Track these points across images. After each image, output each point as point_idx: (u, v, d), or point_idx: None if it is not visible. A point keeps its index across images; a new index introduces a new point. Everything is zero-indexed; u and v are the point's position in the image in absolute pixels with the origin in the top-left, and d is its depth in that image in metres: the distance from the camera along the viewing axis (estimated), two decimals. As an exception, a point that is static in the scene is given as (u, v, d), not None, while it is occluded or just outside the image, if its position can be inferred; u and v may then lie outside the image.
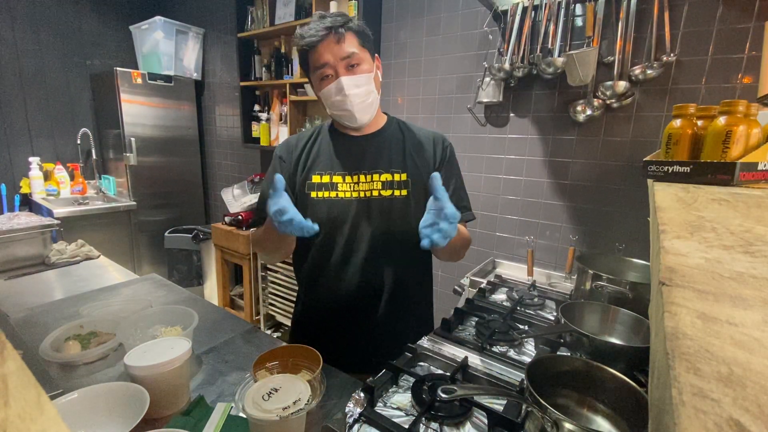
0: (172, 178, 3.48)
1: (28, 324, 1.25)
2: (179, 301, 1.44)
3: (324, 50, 0.94)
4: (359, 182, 1.03)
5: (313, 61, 0.96)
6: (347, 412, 0.82)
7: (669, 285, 0.35)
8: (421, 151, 1.08)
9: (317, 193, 1.02)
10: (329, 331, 1.12)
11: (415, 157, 1.07)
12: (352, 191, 1.02)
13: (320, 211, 1.02)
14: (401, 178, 1.04)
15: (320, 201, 1.02)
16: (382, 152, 1.05)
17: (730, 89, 1.53)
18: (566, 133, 1.90)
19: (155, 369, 0.82)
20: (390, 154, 1.06)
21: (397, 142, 1.08)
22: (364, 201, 1.03)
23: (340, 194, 1.02)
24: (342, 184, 1.02)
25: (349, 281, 1.07)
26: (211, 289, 3.20)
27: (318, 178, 1.03)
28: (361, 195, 1.03)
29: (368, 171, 1.04)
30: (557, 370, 0.80)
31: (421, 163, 1.07)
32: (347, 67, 0.96)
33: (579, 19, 1.78)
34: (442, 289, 2.44)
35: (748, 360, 0.25)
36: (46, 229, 1.82)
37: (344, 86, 0.95)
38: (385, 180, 1.03)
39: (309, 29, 0.96)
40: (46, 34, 3.14)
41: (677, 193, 0.69)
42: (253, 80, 2.97)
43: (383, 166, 1.04)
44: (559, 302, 1.38)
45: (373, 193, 1.03)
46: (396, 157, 1.06)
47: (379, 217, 1.03)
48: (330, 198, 1.02)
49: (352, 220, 1.03)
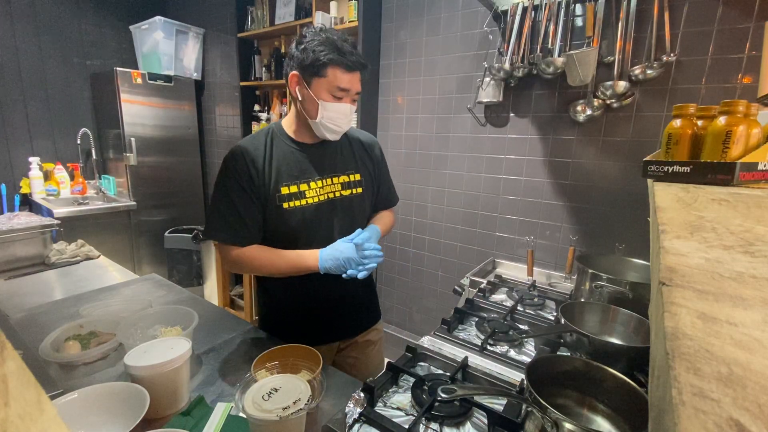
0: (172, 178, 3.48)
1: (28, 324, 1.25)
2: (179, 301, 1.44)
3: (354, 79, 1.05)
4: (323, 186, 1.14)
5: (337, 79, 1.03)
6: (347, 412, 0.82)
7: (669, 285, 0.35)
8: (364, 152, 1.25)
9: (289, 204, 1.09)
10: (303, 313, 1.21)
11: (364, 158, 1.24)
12: (319, 195, 1.13)
13: (295, 219, 1.10)
14: (356, 177, 1.20)
15: (293, 210, 1.10)
16: (336, 157, 1.18)
17: (730, 89, 1.53)
18: (566, 133, 1.90)
19: (155, 369, 0.82)
20: (343, 158, 1.19)
21: (345, 147, 1.21)
22: (330, 202, 1.15)
23: (309, 200, 1.11)
24: (309, 191, 1.12)
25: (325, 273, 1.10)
26: (211, 289, 3.20)
27: (286, 189, 1.09)
28: (328, 197, 1.14)
29: (328, 175, 1.15)
30: (557, 370, 0.80)
31: (368, 163, 1.25)
32: (353, 99, 1.09)
33: (579, 19, 1.78)
34: (442, 289, 2.44)
35: (748, 360, 0.25)
36: (46, 229, 1.82)
37: (348, 112, 1.08)
38: (344, 181, 1.18)
39: (349, 52, 1.02)
40: (46, 34, 3.13)
41: (677, 193, 0.69)
42: (253, 80, 2.97)
43: (340, 169, 1.18)
44: (559, 302, 1.38)
45: (336, 194, 1.16)
46: (348, 160, 1.20)
47: (343, 214, 1.17)
48: (301, 205, 1.11)
49: (324, 221, 1.14)
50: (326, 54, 1.00)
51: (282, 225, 1.10)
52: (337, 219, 1.16)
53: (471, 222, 2.26)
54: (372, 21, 2.34)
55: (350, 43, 1.04)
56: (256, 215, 1.08)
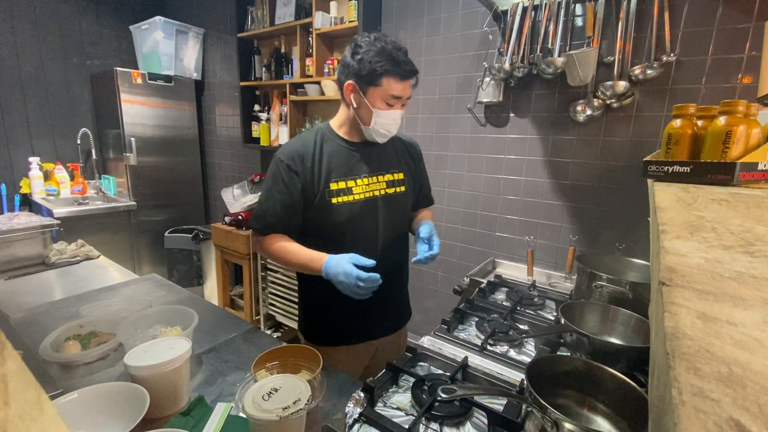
0: (172, 178, 3.48)
1: (28, 324, 1.25)
2: (179, 301, 1.44)
3: (406, 87, 1.10)
4: (369, 183, 1.18)
5: (392, 88, 1.08)
6: (347, 412, 0.82)
7: (669, 285, 0.35)
8: (406, 152, 1.30)
9: (338, 199, 1.14)
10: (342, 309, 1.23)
11: (406, 158, 1.29)
12: (365, 192, 1.17)
13: (343, 213, 1.15)
14: (399, 176, 1.24)
15: (342, 205, 1.14)
16: (381, 156, 1.22)
17: (730, 89, 1.52)
18: (566, 133, 1.90)
19: (155, 369, 0.82)
20: (388, 158, 1.24)
21: (390, 147, 1.25)
22: (375, 199, 1.19)
23: (356, 197, 1.16)
24: (356, 187, 1.16)
25: None
26: (211, 289, 3.20)
27: (335, 184, 1.14)
28: (374, 194, 1.19)
29: (375, 173, 1.20)
30: (557, 370, 0.80)
31: (410, 163, 1.30)
32: (403, 105, 1.14)
33: (579, 19, 1.78)
34: (442, 289, 2.44)
35: (748, 360, 0.25)
36: (46, 229, 1.82)
37: (398, 118, 1.14)
38: (388, 180, 1.22)
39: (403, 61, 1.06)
40: (46, 34, 3.13)
41: (677, 193, 0.69)
42: (253, 80, 2.97)
43: (385, 168, 1.22)
44: (559, 302, 1.38)
45: (381, 192, 1.20)
46: (393, 159, 1.25)
47: (387, 211, 1.21)
48: (349, 201, 1.15)
49: (369, 217, 1.18)
50: (383, 65, 1.05)
51: (330, 219, 1.14)
52: (381, 216, 1.20)
53: (471, 222, 2.26)
54: (372, 21, 2.34)
55: (403, 51, 1.08)
56: (292, 211, 1.14)
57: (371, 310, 1.23)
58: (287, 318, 2.71)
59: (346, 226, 1.15)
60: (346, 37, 2.54)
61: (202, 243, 3.19)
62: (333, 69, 2.49)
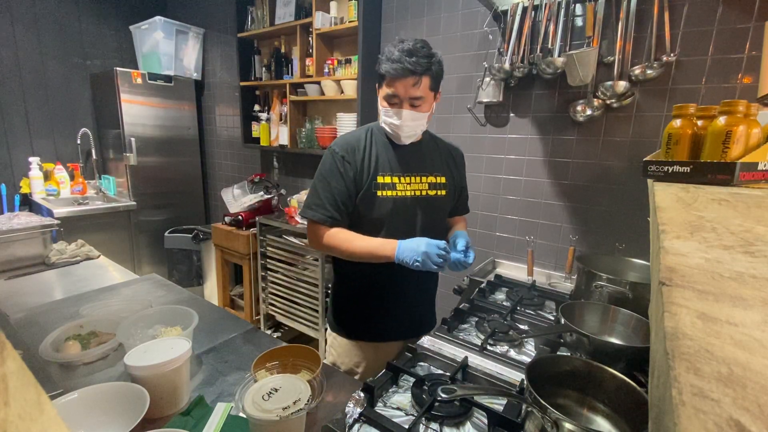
0: (172, 178, 3.48)
1: (28, 324, 1.25)
2: (179, 301, 1.44)
3: (400, 86, 1.08)
4: (411, 182, 1.20)
5: (386, 86, 1.09)
6: (347, 412, 0.82)
7: (669, 285, 0.35)
8: (450, 158, 1.31)
9: (383, 192, 1.17)
10: (375, 304, 1.26)
11: (449, 163, 1.29)
12: (407, 190, 1.19)
13: (385, 207, 1.17)
14: (441, 180, 1.25)
15: (386, 198, 1.17)
16: (425, 158, 1.24)
17: (730, 89, 1.52)
18: (566, 133, 1.90)
19: (155, 369, 0.82)
20: (432, 160, 1.25)
21: (434, 150, 1.28)
22: (416, 198, 1.21)
23: (399, 193, 1.18)
24: (399, 184, 1.19)
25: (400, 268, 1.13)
26: (211, 289, 3.20)
27: (382, 178, 1.17)
28: (415, 193, 1.20)
29: (417, 173, 1.21)
30: (557, 370, 0.80)
31: (453, 169, 1.30)
32: (412, 104, 1.11)
33: (579, 19, 1.78)
34: (442, 289, 2.44)
35: (748, 360, 0.25)
36: (46, 229, 1.82)
37: (403, 118, 1.11)
38: (431, 181, 1.23)
39: (395, 60, 1.05)
40: (46, 34, 3.13)
41: (677, 193, 0.69)
42: (253, 80, 2.97)
43: (428, 170, 1.24)
44: (559, 302, 1.38)
45: (422, 192, 1.22)
46: (437, 162, 1.26)
47: (426, 211, 1.22)
48: (392, 196, 1.18)
49: (409, 214, 1.20)
50: (381, 64, 1.07)
51: (373, 211, 1.16)
52: (420, 215, 1.21)
53: (471, 222, 2.26)
54: (372, 21, 2.34)
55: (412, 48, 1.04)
56: (348, 200, 1.16)
57: (400, 310, 1.27)
58: (287, 318, 2.71)
59: (385, 221, 1.17)
60: (346, 37, 2.54)
61: (202, 243, 3.19)
62: (333, 69, 2.49)
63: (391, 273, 1.16)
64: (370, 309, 1.27)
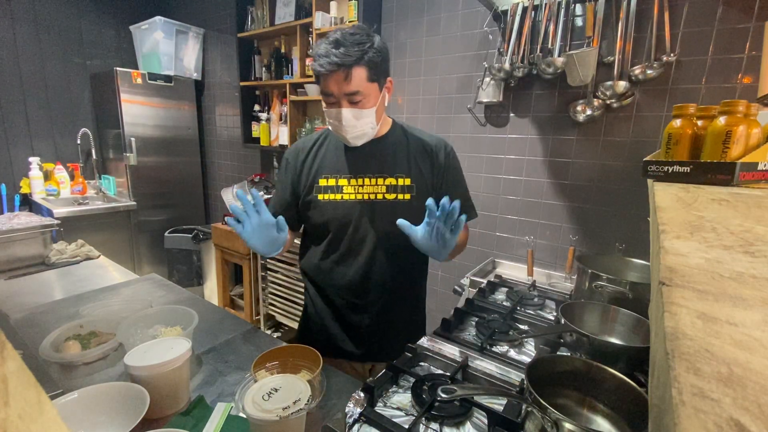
0: (172, 178, 3.48)
1: (28, 324, 1.25)
2: (179, 301, 1.44)
3: (331, 83, 0.96)
4: (364, 185, 1.09)
5: (321, 85, 0.99)
6: (347, 412, 0.82)
7: (669, 285, 0.35)
8: (425, 156, 1.13)
9: (324, 196, 1.10)
10: (335, 323, 1.19)
11: (420, 163, 1.12)
12: (356, 194, 1.09)
13: (326, 212, 1.10)
14: (405, 182, 1.11)
15: (326, 203, 1.09)
16: (387, 157, 1.11)
17: (730, 89, 1.52)
18: (566, 133, 1.90)
19: (155, 369, 0.82)
20: (395, 160, 1.11)
21: (401, 148, 1.13)
22: (368, 203, 1.09)
23: (345, 197, 1.09)
24: (347, 187, 1.09)
25: (353, 278, 1.13)
26: (211, 289, 3.20)
27: (325, 181, 1.10)
28: (365, 197, 1.09)
29: (373, 175, 1.10)
30: (557, 370, 0.80)
31: (426, 169, 1.13)
32: (350, 101, 0.98)
33: (579, 19, 1.78)
34: (442, 289, 2.44)
35: (748, 360, 0.25)
36: (46, 229, 1.81)
37: (343, 117, 0.99)
38: (390, 184, 1.10)
39: (321, 54, 0.94)
40: (46, 34, 3.13)
41: (677, 193, 0.69)
42: (253, 80, 2.97)
43: (388, 171, 1.10)
44: (559, 302, 1.38)
45: (378, 196, 1.09)
46: (401, 162, 1.11)
47: (382, 218, 1.09)
48: (335, 200, 1.09)
49: (356, 221, 1.09)
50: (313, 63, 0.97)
51: (316, 216, 1.11)
52: (375, 222, 1.10)
53: (471, 222, 2.26)
54: (372, 21, 2.34)
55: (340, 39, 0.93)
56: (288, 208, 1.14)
57: (365, 332, 1.16)
58: (287, 318, 2.71)
59: (331, 226, 1.10)
60: (346, 37, 2.54)
61: (202, 243, 3.19)
62: (333, 69, 2.49)
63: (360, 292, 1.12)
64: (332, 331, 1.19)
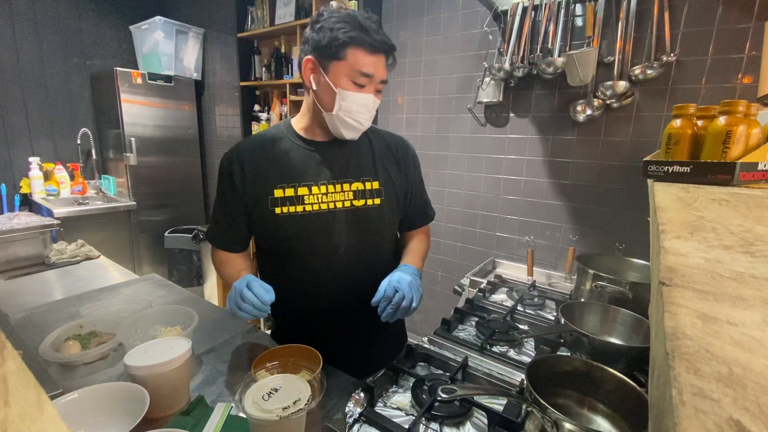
0: (172, 178, 3.48)
1: (28, 324, 1.25)
2: (179, 301, 1.44)
3: (379, 64, 0.89)
4: (327, 193, 0.96)
5: (359, 62, 0.86)
6: (347, 412, 0.82)
7: (669, 285, 0.35)
8: (389, 156, 1.05)
9: (282, 209, 0.94)
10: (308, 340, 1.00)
11: (386, 164, 1.03)
12: (321, 203, 0.96)
13: (288, 228, 0.95)
14: (373, 186, 1.00)
15: (286, 217, 0.94)
16: (350, 160, 1.00)
17: (730, 89, 1.53)
18: (566, 133, 1.90)
19: (155, 369, 0.82)
20: (359, 163, 1.00)
21: (365, 149, 1.02)
22: (336, 213, 0.97)
23: (307, 207, 0.95)
24: (309, 197, 0.95)
25: (327, 294, 1.03)
26: (211, 289, 3.20)
27: (281, 192, 0.94)
28: (331, 206, 0.96)
29: (337, 180, 0.97)
30: (557, 370, 0.80)
31: (392, 170, 1.04)
32: (377, 89, 0.93)
33: (579, 19, 1.78)
34: (442, 289, 2.44)
35: (748, 360, 0.25)
36: (46, 229, 1.81)
37: (370, 105, 0.92)
38: (357, 189, 0.98)
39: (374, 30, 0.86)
40: (46, 34, 3.13)
41: (677, 193, 0.69)
42: (253, 80, 2.97)
43: (353, 175, 0.99)
44: (559, 302, 1.38)
45: (345, 204, 0.97)
46: (366, 164, 1.01)
47: (352, 228, 0.98)
48: (297, 212, 0.95)
49: (324, 233, 0.97)
50: (346, 32, 0.83)
51: (275, 233, 0.96)
52: (345, 233, 0.98)
53: (471, 222, 2.26)
54: (372, 21, 2.34)
55: (375, 21, 0.87)
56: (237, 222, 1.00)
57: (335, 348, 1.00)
58: (287, 318, 2.71)
59: (295, 242, 0.96)
60: (346, 37, 2.54)
61: (202, 243, 3.19)
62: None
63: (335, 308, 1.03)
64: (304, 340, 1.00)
